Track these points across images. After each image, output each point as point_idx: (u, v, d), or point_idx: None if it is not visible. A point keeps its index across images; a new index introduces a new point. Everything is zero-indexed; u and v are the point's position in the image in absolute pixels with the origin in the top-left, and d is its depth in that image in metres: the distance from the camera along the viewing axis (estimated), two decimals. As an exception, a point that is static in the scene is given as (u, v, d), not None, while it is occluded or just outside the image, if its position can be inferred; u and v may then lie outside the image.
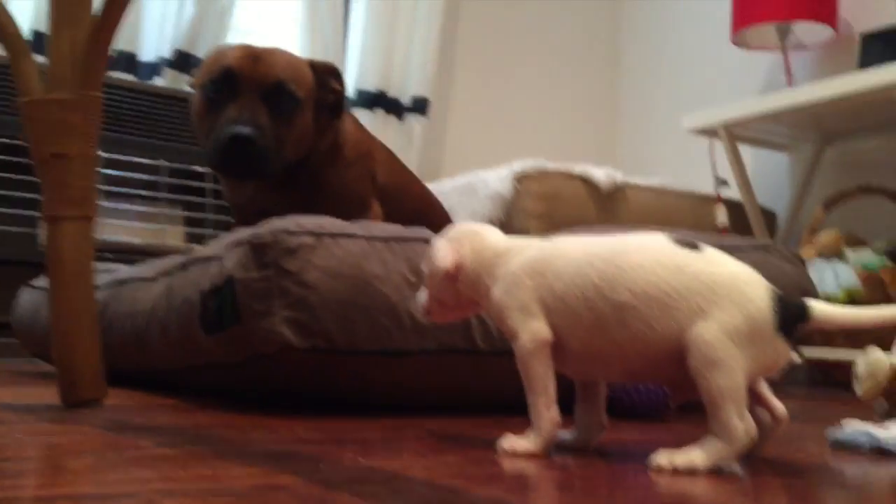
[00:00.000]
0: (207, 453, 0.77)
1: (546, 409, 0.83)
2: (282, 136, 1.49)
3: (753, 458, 0.84)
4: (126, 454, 0.77)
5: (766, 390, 0.85)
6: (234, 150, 1.43)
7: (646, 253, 0.81)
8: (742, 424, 0.76)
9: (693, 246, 0.81)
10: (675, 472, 0.75)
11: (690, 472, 0.75)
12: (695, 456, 0.76)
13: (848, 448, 0.95)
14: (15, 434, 0.88)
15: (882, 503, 0.67)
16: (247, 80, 1.47)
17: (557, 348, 0.84)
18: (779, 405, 0.85)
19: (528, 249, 0.89)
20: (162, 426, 0.98)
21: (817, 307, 0.79)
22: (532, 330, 0.84)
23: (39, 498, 0.58)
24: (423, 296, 0.95)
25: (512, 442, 0.84)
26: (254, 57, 1.49)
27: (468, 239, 0.92)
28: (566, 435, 0.90)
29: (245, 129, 1.42)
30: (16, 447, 0.81)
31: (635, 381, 0.88)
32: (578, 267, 0.83)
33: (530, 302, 0.84)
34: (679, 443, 0.78)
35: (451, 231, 0.94)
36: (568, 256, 0.84)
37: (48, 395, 1.27)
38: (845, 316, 0.81)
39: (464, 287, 0.91)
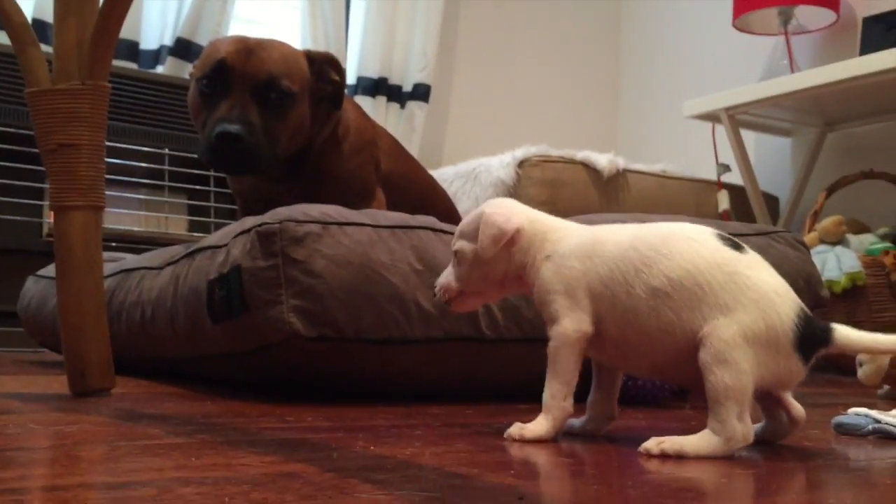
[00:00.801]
0: (219, 442, 0.78)
1: (563, 399, 0.84)
2: (274, 131, 1.48)
3: (759, 443, 0.85)
4: (138, 443, 0.78)
5: (786, 395, 0.86)
6: (222, 147, 1.43)
7: (690, 244, 0.82)
8: (740, 427, 0.76)
9: (738, 246, 0.83)
10: (664, 456, 0.76)
11: (678, 457, 0.76)
12: (686, 443, 0.77)
13: (852, 432, 0.96)
14: (26, 423, 0.89)
15: (886, 486, 0.68)
16: (239, 75, 1.46)
17: (595, 335, 0.84)
18: (797, 407, 0.86)
19: (577, 231, 0.89)
20: (172, 415, 0.99)
21: (840, 331, 0.80)
22: (577, 320, 0.83)
23: (55, 486, 0.59)
24: (448, 279, 0.92)
25: (521, 428, 0.85)
26: (247, 51, 1.47)
27: (520, 207, 0.91)
28: (576, 422, 0.91)
29: (233, 127, 1.42)
30: (27, 436, 0.81)
31: (661, 377, 0.87)
32: (624, 251, 0.83)
33: (578, 289, 0.84)
34: (685, 432, 0.79)
35: (491, 203, 0.91)
36: (615, 241, 0.85)
37: (57, 384, 1.28)
38: (864, 341, 0.81)
39: (518, 256, 0.89)
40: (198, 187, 2.55)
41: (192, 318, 1.27)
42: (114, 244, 2.29)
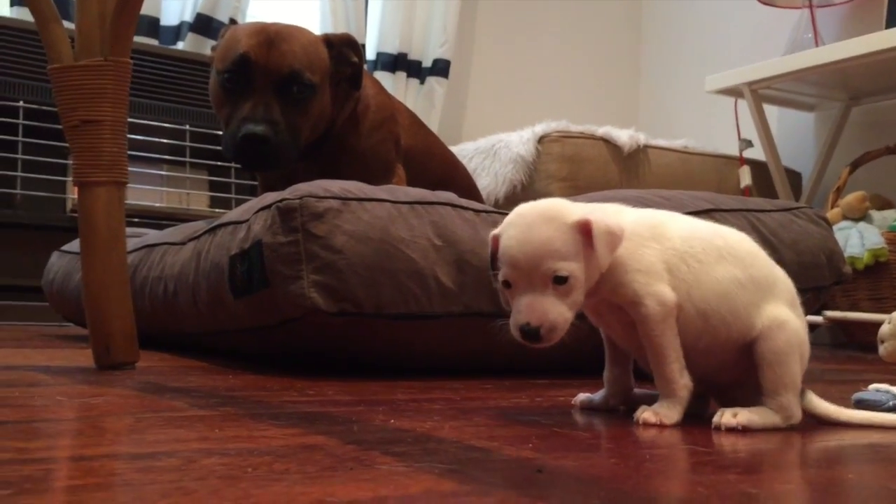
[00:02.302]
0: (242, 414, 0.79)
1: (680, 376, 0.81)
2: (297, 125, 1.48)
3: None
4: (163, 415, 0.79)
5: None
6: (248, 148, 1.44)
7: (742, 239, 0.87)
8: (798, 409, 0.82)
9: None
10: (735, 429, 0.79)
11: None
12: (756, 418, 0.80)
13: (873, 408, 0.96)
14: (53, 396, 0.91)
15: (906, 463, 0.68)
16: (261, 70, 1.46)
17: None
18: None
19: (626, 212, 0.86)
20: (195, 388, 1.00)
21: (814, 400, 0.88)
22: (658, 293, 0.80)
23: (82, 456, 0.60)
24: (558, 315, 0.77)
25: (656, 414, 0.81)
26: (268, 43, 1.47)
27: (582, 205, 0.83)
28: (595, 397, 0.91)
29: (259, 129, 1.42)
30: (54, 408, 0.83)
31: (707, 376, 0.86)
32: (685, 239, 0.83)
33: (656, 262, 0.81)
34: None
35: (559, 209, 0.80)
36: (674, 225, 0.84)
37: (82, 358, 1.30)
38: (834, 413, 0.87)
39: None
40: (219, 163, 2.56)
41: (214, 292, 1.28)
42: (136, 220, 2.31)
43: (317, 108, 1.51)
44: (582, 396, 0.93)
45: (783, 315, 0.82)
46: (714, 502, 0.50)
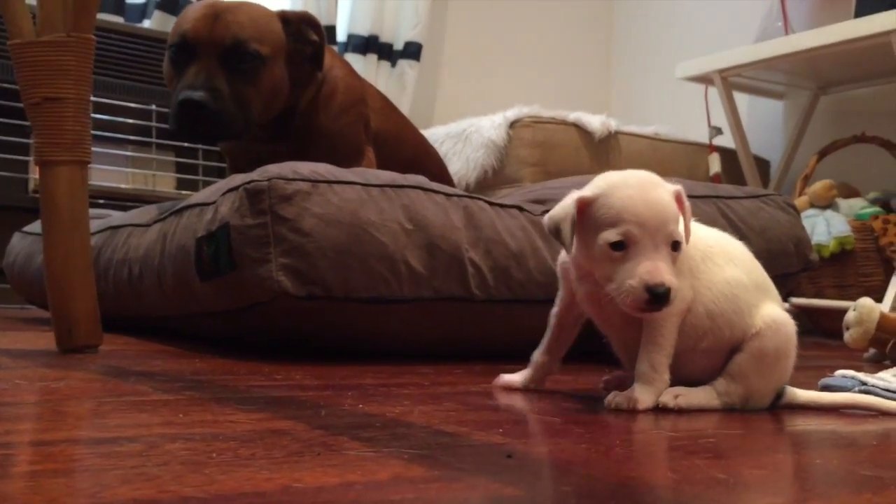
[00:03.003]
0: (207, 399, 0.78)
1: (665, 371, 0.82)
2: (245, 96, 1.45)
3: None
4: (126, 399, 0.77)
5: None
6: (187, 115, 1.40)
7: (739, 244, 0.88)
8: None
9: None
10: (671, 409, 0.80)
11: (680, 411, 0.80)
12: (694, 398, 0.81)
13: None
14: (13, 379, 0.89)
15: (871, 448, 0.68)
16: (205, 41, 1.42)
17: None
18: None
19: None
20: (160, 372, 0.98)
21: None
22: (683, 291, 0.80)
23: (42, 441, 0.58)
24: (672, 277, 0.76)
25: (629, 399, 0.80)
26: (214, 16, 1.43)
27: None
28: (516, 377, 0.93)
29: (196, 94, 1.39)
30: (14, 392, 0.81)
31: (693, 378, 0.86)
32: (705, 238, 0.85)
33: (686, 259, 0.81)
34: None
35: (634, 174, 0.81)
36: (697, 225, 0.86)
37: (43, 340, 1.28)
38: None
39: None
40: (185, 145, 2.52)
41: (181, 275, 1.26)
42: (101, 201, 2.27)
43: (267, 82, 1.48)
44: (504, 378, 0.94)
45: (781, 316, 0.84)
46: (684, 487, 0.50)
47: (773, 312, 0.84)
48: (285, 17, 1.52)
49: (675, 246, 0.77)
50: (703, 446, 0.64)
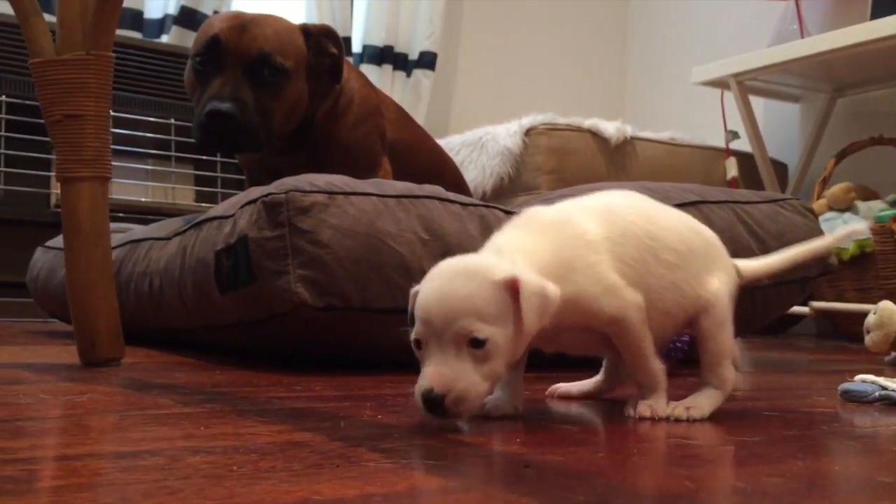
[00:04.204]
0: (228, 411, 0.79)
1: (657, 366, 0.80)
2: (268, 108, 1.47)
3: (765, 410, 0.86)
4: (148, 412, 0.78)
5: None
6: (213, 126, 1.42)
7: (671, 214, 0.84)
8: (732, 375, 0.82)
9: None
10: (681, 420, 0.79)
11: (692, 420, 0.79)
12: (706, 405, 0.80)
13: (858, 399, 0.96)
14: (37, 394, 0.90)
15: (891, 453, 0.68)
16: (231, 52, 1.44)
17: None
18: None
19: (556, 233, 0.76)
20: (181, 385, 0.99)
21: (742, 265, 0.88)
22: (631, 302, 0.76)
23: (65, 456, 0.59)
24: (471, 387, 0.68)
25: (650, 408, 0.79)
26: (240, 27, 1.45)
27: (520, 262, 0.72)
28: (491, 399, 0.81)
29: (224, 105, 1.40)
30: (38, 406, 0.82)
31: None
32: (624, 227, 0.78)
33: (610, 273, 0.75)
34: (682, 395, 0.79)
35: (486, 268, 0.70)
36: (611, 214, 0.79)
37: (66, 354, 1.29)
38: (769, 266, 0.91)
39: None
40: (204, 157, 2.54)
41: (201, 288, 1.27)
42: (121, 215, 2.29)
43: (290, 94, 1.50)
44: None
45: (718, 286, 0.81)
46: (702, 497, 0.50)
47: (713, 285, 0.81)
48: (307, 31, 1.54)
49: (476, 343, 0.67)
50: (722, 454, 0.65)
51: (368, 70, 2.99)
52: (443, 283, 0.69)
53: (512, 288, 0.68)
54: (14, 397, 0.86)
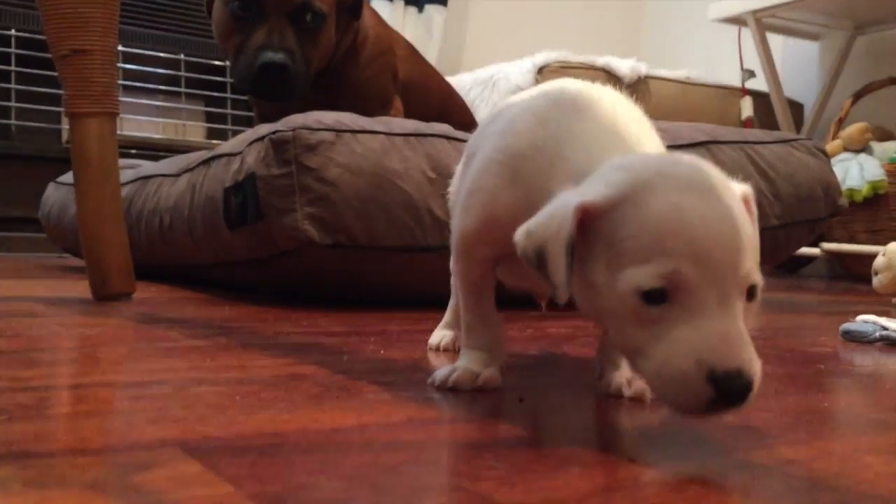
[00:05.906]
0: (235, 344, 0.80)
1: None
2: (309, 56, 1.47)
3: (764, 349, 0.86)
4: (157, 345, 0.80)
5: None
6: (267, 77, 1.42)
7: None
8: None
9: None
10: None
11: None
12: None
13: (859, 339, 0.97)
14: (51, 326, 0.92)
15: (888, 390, 0.69)
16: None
17: None
18: None
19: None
20: (190, 319, 1.01)
21: None
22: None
23: (76, 385, 0.61)
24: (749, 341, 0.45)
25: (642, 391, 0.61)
26: None
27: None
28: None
29: (278, 57, 1.40)
30: (51, 338, 0.84)
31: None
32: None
33: None
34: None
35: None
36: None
37: (79, 289, 1.31)
38: None
39: None
40: (215, 94, 2.54)
41: (210, 225, 1.29)
42: (133, 151, 2.30)
43: (326, 39, 1.50)
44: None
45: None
46: (687, 431, 0.51)
47: None
48: None
49: (752, 293, 0.46)
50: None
51: (380, 6, 2.95)
52: (706, 198, 0.45)
53: (747, 203, 0.49)
54: (28, 329, 0.88)
